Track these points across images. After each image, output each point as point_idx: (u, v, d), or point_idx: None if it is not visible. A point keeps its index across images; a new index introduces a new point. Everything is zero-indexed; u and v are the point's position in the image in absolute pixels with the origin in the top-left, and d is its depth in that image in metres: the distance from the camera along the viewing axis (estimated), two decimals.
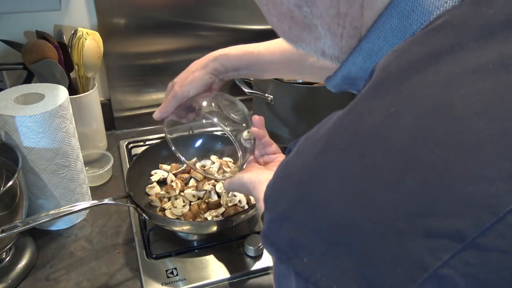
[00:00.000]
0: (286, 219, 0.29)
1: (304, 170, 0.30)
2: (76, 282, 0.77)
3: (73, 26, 1.03)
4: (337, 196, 0.27)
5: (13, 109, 0.74)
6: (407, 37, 0.33)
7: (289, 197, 0.29)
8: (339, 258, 0.26)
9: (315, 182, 0.28)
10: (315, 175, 0.29)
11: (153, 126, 1.22)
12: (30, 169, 0.78)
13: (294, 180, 0.30)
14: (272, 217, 0.30)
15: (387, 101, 0.28)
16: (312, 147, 0.31)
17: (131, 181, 0.87)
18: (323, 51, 0.40)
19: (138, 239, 0.84)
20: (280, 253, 0.29)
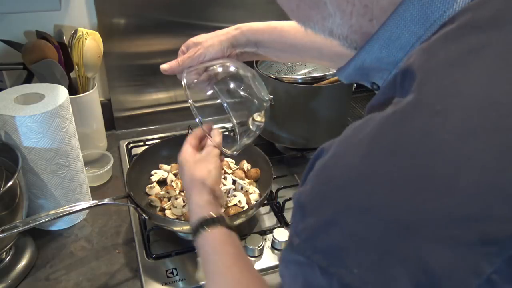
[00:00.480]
0: (333, 225, 0.27)
1: (349, 174, 0.28)
2: (76, 282, 0.77)
3: (73, 26, 1.03)
4: (388, 201, 0.26)
5: (13, 109, 0.74)
6: (427, 26, 0.32)
7: (335, 202, 0.27)
8: (391, 268, 0.25)
9: (363, 186, 0.27)
10: (363, 178, 0.27)
11: (153, 126, 1.22)
12: (30, 169, 0.78)
13: (338, 184, 0.28)
14: (315, 224, 0.28)
15: (431, 99, 0.27)
16: (355, 149, 0.29)
17: (131, 181, 0.87)
18: (331, 31, 0.39)
19: (138, 239, 0.84)
20: (325, 262, 0.27)
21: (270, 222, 0.90)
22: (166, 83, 1.19)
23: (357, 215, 0.26)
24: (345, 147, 0.30)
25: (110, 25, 1.06)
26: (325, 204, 0.28)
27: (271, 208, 0.93)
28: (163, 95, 1.20)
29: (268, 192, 0.85)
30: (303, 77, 0.98)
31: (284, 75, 0.99)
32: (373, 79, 0.41)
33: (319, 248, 0.28)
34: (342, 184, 0.28)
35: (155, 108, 1.21)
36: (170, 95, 1.21)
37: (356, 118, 1.28)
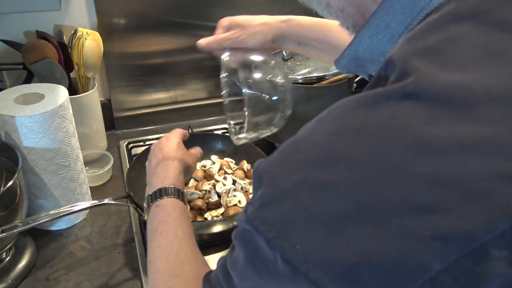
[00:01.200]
0: (286, 199, 0.27)
1: (313, 150, 0.28)
2: (76, 282, 0.77)
3: (73, 26, 1.03)
4: (344, 180, 0.25)
5: (13, 109, 0.74)
6: (414, 15, 0.32)
7: (293, 175, 0.27)
8: (337, 249, 0.24)
9: (324, 164, 0.26)
10: (325, 156, 0.27)
11: (153, 126, 1.22)
12: (30, 169, 0.78)
13: (301, 158, 0.28)
14: (269, 194, 0.28)
15: (404, 84, 0.26)
16: (324, 127, 0.29)
17: (131, 181, 0.87)
18: (328, 3, 0.38)
19: (138, 239, 0.84)
20: (270, 235, 0.26)
21: None
22: (166, 83, 1.19)
23: (312, 190, 0.26)
24: (316, 125, 0.30)
25: (110, 25, 1.06)
26: (283, 176, 0.28)
27: None
28: (163, 95, 1.20)
29: None
30: (303, 77, 0.98)
31: None
32: (368, 70, 0.40)
33: (268, 219, 0.27)
34: (304, 158, 0.28)
35: (155, 108, 1.21)
36: (170, 95, 1.21)
37: None
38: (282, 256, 0.26)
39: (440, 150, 0.23)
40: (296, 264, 0.25)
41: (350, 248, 0.24)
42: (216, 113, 1.27)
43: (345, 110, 0.28)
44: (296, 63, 1.02)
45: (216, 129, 1.20)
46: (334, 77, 0.98)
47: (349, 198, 0.25)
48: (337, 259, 0.24)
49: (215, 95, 1.25)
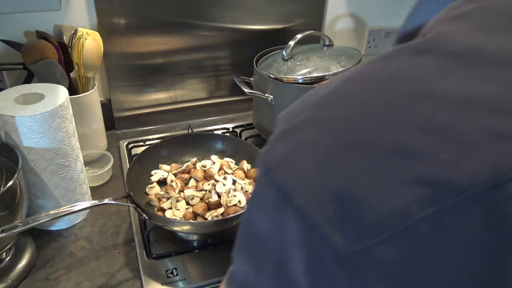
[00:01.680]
0: (291, 134, 0.28)
1: (323, 94, 0.30)
2: (76, 282, 0.77)
3: (73, 26, 1.03)
4: (345, 117, 0.26)
5: (13, 109, 0.74)
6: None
7: (302, 115, 0.29)
8: (327, 179, 0.25)
9: (329, 103, 0.28)
10: (332, 97, 0.28)
11: (153, 126, 1.22)
12: (30, 169, 0.78)
13: (311, 101, 0.30)
14: (278, 132, 0.30)
15: (421, 42, 0.28)
16: (338, 79, 0.31)
17: (131, 181, 0.87)
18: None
19: (138, 239, 0.84)
20: (270, 165, 0.28)
21: None
22: (166, 83, 1.19)
23: (315, 125, 0.27)
24: (334, 79, 0.32)
25: (110, 25, 1.06)
26: (293, 117, 0.29)
27: None
28: (163, 95, 1.20)
29: None
30: (303, 77, 0.98)
31: (284, 75, 0.99)
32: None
33: (271, 151, 0.29)
34: (313, 101, 0.29)
35: (155, 108, 1.21)
36: (170, 95, 1.21)
37: None
38: (275, 184, 0.27)
39: (440, 102, 0.24)
40: (287, 191, 0.26)
41: (340, 178, 0.25)
42: (216, 113, 1.27)
43: (364, 63, 0.30)
44: (296, 63, 1.02)
45: (216, 129, 1.20)
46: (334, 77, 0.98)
47: (347, 134, 0.26)
48: (324, 187, 0.25)
49: (215, 95, 1.25)
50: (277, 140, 0.29)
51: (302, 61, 1.02)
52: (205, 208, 0.86)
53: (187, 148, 1.01)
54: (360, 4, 1.29)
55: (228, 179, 0.91)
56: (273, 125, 1.08)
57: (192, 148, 1.01)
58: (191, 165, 0.97)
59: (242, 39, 1.19)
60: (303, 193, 0.25)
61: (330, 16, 1.27)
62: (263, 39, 1.19)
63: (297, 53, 1.05)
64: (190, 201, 0.87)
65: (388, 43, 1.38)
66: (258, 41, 1.19)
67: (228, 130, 1.18)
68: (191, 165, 0.97)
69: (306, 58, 1.03)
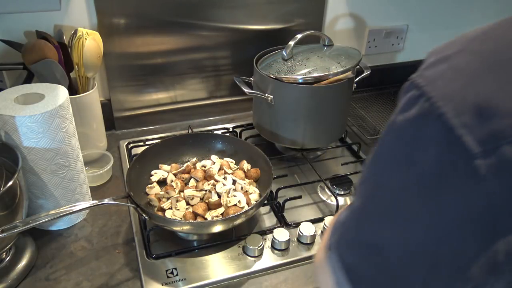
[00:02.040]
0: (443, 61, 0.33)
1: (479, 32, 0.34)
2: (76, 282, 0.77)
3: (73, 26, 1.03)
4: (493, 47, 0.32)
5: (13, 109, 0.74)
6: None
7: (455, 47, 0.34)
8: (470, 91, 0.30)
9: (482, 38, 0.33)
10: (481, 34, 0.34)
11: (153, 126, 1.22)
12: (30, 169, 0.78)
13: (467, 37, 0.34)
14: (432, 60, 0.35)
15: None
16: (493, 23, 0.35)
17: (131, 181, 0.87)
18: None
19: (138, 239, 0.84)
20: (421, 84, 0.33)
21: (270, 222, 0.90)
22: (166, 83, 1.19)
23: (465, 55, 0.33)
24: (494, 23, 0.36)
25: (110, 25, 1.06)
26: (448, 48, 0.35)
27: (271, 208, 0.93)
28: (163, 95, 1.20)
29: (268, 192, 0.85)
30: (303, 77, 0.98)
31: (284, 75, 0.99)
32: None
33: (424, 75, 0.34)
34: (467, 37, 0.35)
35: (155, 108, 1.21)
36: (170, 95, 1.21)
37: (356, 118, 1.29)
38: (425, 96, 0.32)
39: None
40: (434, 100, 0.31)
41: (480, 91, 0.30)
42: (216, 113, 1.27)
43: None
44: (296, 63, 1.02)
45: (216, 129, 1.20)
46: (334, 77, 0.99)
47: (492, 58, 0.31)
48: (466, 99, 0.30)
49: (215, 95, 1.25)
50: (428, 68, 0.34)
51: (302, 61, 1.02)
52: (205, 208, 0.86)
53: (187, 148, 1.01)
54: (360, 4, 1.29)
55: (228, 179, 0.91)
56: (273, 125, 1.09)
57: (192, 148, 1.01)
58: (191, 165, 0.97)
59: (242, 39, 1.19)
60: (448, 103, 0.30)
61: (330, 16, 1.27)
62: (263, 39, 1.19)
63: (297, 53, 1.05)
64: (190, 201, 0.87)
65: (388, 43, 1.38)
66: (258, 41, 1.19)
67: (228, 130, 1.18)
68: (191, 165, 0.97)
69: (306, 58, 1.03)
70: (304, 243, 0.84)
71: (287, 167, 1.07)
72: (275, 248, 0.83)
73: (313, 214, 0.93)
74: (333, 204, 0.94)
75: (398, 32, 1.37)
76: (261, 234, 0.84)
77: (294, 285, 0.78)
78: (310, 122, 1.03)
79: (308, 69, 0.99)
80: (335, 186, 0.98)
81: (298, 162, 1.08)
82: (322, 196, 0.98)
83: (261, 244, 0.81)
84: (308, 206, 0.95)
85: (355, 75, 1.05)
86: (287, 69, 1.01)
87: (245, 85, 1.06)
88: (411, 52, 1.43)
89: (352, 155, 1.14)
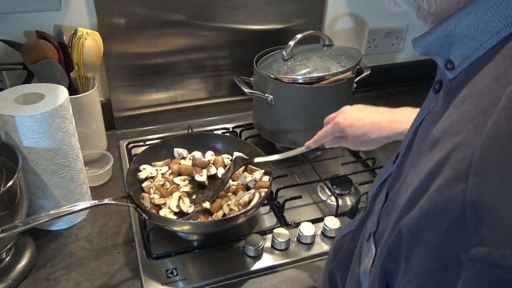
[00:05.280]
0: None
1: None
2: (76, 282, 0.77)
3: (73, 26, 1.03)
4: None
5: (13, 109, 0.74)
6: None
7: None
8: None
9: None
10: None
11: (153, 126, 1.22)
12: (30, 169, 0.78)
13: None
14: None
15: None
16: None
17: (131, 181, 0.87)
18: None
19: (138, 239, 0.84)
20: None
21: (270, 222, 0.90)
22: (166, 83, 1.19)
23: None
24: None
25: (110, 25, 1.06)
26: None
27: (271, 208, 0.93)
28: (163, 95, 1.20)
29: (268, 192, 0.85)
30: (303, 77, 0.98)
31: (284, 75, 0.99)
32: (452, 54, 0.37)
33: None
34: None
35: (155, 108, 1.21)
36: (170, 95, 1.21)
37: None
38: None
39: None
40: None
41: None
42: (216, 113, 1.27)
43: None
44: (296, 63, 1.02)
45: (216, 129, 1.20)
46: (334, 77, 0.98)
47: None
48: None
49: (215, 95, 1.25)
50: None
51: (302, 61, 1.02)
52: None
53: (187, 148, 1.01)
54: (360, 4, 1.29)
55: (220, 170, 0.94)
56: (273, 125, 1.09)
57: (192, 148, 1.01)
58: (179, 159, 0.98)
59: (242, 39, 1.19)
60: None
61: (330, 16, 1.27)
62: (263, 39, 1.19)
63: (297, 53, 1.05)
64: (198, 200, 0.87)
65: (388, 43, 1.38)
66: (258, 41, 1.19)
67: (228, 130, 1.18)
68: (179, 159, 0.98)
69: (306, 58, 1.03)
70: (304, 243, 0.84)
71: (287, 167, 1.07)
72: (275, 248, 0.83)
73: (313, 214, 0.93)
74: (333, 204, 0.94)
75: (398, 32, 1.37)
76: (261, 234, 0.84)
77: (294, 285, 0.78)
78: (310, 122, 1.02)
79: (308, 69, 0.99)
80: (335, 186, 0.98)
81: (298, 162, 1.08)
82: (322, 196, 0.98)
83: (261, 244, 0.81)
84: (308, 206, 0.95)
85: (355, 75, 1.05)
86: (287, 69, 1.01)
87: (245, 85, 1.06)
88: (411, 52, 1.43)
89: (352, 155, 1.14)
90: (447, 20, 0.35)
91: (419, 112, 0.44)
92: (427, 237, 0.29)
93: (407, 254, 0.31)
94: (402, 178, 0.39)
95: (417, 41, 0.40)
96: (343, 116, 0.75)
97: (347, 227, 0.59)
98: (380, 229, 0.40)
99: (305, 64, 1.01)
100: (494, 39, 0.32)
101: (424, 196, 0.30)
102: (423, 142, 0.36)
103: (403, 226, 0.32)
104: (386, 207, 0.41)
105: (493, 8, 0.32)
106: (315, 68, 1.00)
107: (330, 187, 0.97)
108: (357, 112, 0.75)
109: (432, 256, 0.28)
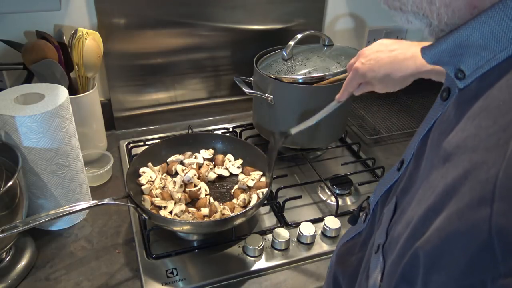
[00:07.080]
0: None
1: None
2: (76, 282, 0.77)
3: (73, 26, 1.03)
4: None
5: (13, 109, 0.74)
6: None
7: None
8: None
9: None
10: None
11: (153, 126, 1.22)
12: (30, 169, 0.78)
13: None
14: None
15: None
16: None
17: (131, 181, 0.87)
18: (430, 1, 0.34)
19: (138, 239, 0.84)
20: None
21: (270, 222, 0.90)
22: (166, 83, 1.19)
23: None
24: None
25: (110, 25, 1.06)
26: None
27: (271, 208, 0.93)
28: (163, 95, 1.20)
29: (268, 192, 0.85)
30: (303, 77, 0.98)
31: (284, 75, 0.99)
32: (463, 63, 0.35)
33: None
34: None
35: (155, 108, 1.21)
36: (170, 95, 1.21)
37: (356, 118, 1.29)
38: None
39: None
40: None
41: None
42: (216, 113, 1.27)
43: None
44: (296, 63, 1.02)
45: (216, 129, 1.20)
46: (334, 77, 0.98)
47: None
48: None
49: (215, 95, 1.25)
50: None
51: (302, 61, 1.02)
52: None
53: (187, 148, 1.01)
54: (360, 4, 1.29)
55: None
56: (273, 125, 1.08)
57: (192, 148, 1.01)
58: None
59: (242, 39, 1.19)
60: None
61: (330, 16, 1.27)
62: (263, 39, 1.19)
63: (297, 53, 1.05)
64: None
65: None
66: (258, 41, 1.19)
67: (228, 130, 1.18)
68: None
69: (306, 58, 1.03)
70: (304, 243, 0.84)
71: (287, 167, 1.07)
72: (275, 248, 0.83)
73: (313, 214, 0.93)
74: (333, 204, 0.94)
75: (398, 32, 1.37)
76: (261, 234, 0.84)
77: (294, 285, 0.78)
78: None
79: (308, 69, 0.99)
80: (335, 186, 0.98)
81: (298, 162, 1.08)
82: (322, 196, 0.98)
83: (261, 244, 0.81)
84: (308, 206, 0.95)
85: None
86: (287, 69, 1.01)
87: (245, 85, 1.06)
88: None
89: (352, 155, 1.14)
90: (458, 30, 0.34)
91: (425, 121, 0.42)
92: (449, 262, 0.28)
93: (425, 278, 0.30)
94: (413, 190, 0.38)
95: (427, 50, 0.38)
96: (361, 61, 0.69)
97: (348, 233, 0.58)
98: (389, 241, 0.39)
99: (305, 64, 1.01)
100: (509, 50, 0.31)
101: (441, 216, 0.29)
102: (435, 154, 0.35)
103: (420, 249, 0.30)
104: (396, 219, 0.40)
105: (509, 18, 0.30)
106: (315, 68, 1.00)
107: (330, 187, 0.97)
108: (376, 52, 0.69)
109: (455, 282, 0.27)
